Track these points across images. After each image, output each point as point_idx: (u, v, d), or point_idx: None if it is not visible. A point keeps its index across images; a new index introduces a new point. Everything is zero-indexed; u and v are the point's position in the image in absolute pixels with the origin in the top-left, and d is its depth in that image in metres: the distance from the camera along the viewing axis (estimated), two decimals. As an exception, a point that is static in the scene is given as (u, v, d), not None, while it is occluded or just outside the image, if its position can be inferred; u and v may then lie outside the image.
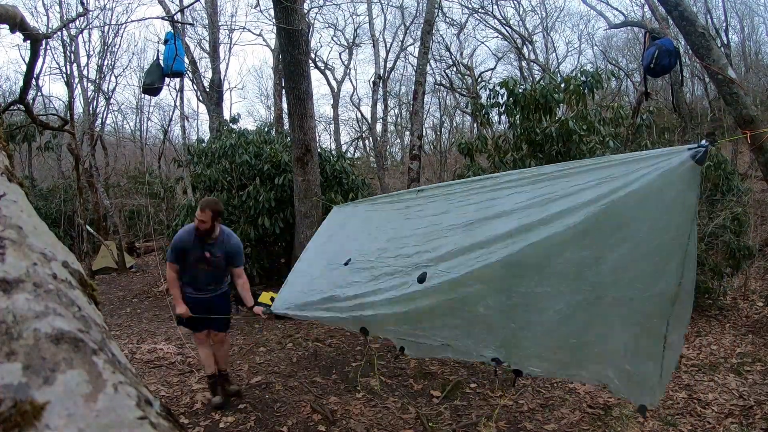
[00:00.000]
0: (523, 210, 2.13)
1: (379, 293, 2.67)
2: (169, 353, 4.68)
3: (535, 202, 2.09)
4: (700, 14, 11.53)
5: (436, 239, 2.50)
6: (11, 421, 0.26)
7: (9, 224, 0.39)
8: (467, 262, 2.23)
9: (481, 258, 2.17)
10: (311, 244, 3.96)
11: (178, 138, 13.15)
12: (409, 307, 2.47)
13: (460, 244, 2.32)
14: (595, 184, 1.92)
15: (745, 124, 3.67)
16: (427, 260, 2.47)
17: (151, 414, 0.32)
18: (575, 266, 2.05)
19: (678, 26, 3.94)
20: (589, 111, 5.67)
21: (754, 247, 5.77)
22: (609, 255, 1.97)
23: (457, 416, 3.31)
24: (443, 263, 2.36)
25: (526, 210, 2.11)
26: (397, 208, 3.04)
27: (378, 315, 2.65)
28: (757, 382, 3.68)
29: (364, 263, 2.97)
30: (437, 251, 2.43)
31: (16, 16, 1.45)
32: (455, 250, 2.32)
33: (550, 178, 2.12)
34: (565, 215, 1.96)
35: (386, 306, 2.60)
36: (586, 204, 1.92)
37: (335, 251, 3.42)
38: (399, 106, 20.38)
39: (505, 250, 2.10)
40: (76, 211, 9.88)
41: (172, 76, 6.05)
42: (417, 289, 2.41)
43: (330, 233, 3.74)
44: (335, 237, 3.62)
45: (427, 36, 8.05)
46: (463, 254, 2.28)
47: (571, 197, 1.98)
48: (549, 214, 2.01)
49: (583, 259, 2.02)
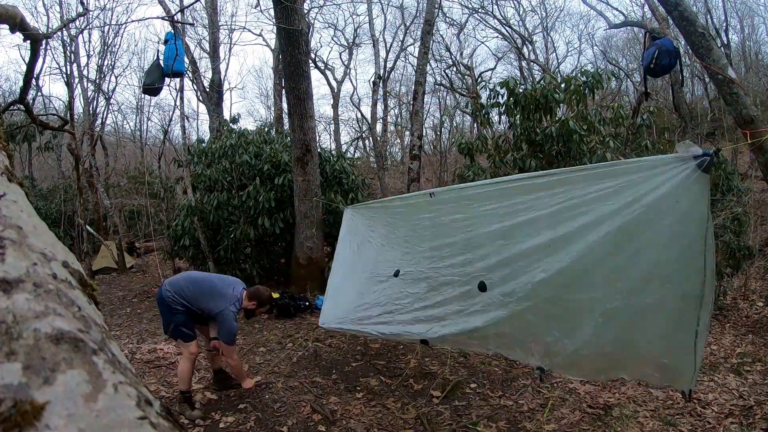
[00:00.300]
0: (550, 218, 2.29)
1: (445, 304, 2.78)
2: (169, 353, 4.68)
3: (558, 209, 2.25)
4: (700, 14, 11.52)
5: (478, 248, 2.64)
6: (11, 421, 0.26)
7: (9, 224, 0.39)
8: (520, 270, 2.39)
9: (531, 266, 2.34)
10: (340, 254, 4.01)
11: (178, 138, 13.14)
12: (485, 320, 2.55)
13: (504, 253, 2.48)
14: (613, 192, 2.08)
15: (745, 124, 3.67)
16: (479, 269, 2.61)
17: (151, 414, 0.32)
18: (608, 274, 2.19)
19: (678, 26, 3.94)
20: (589, 111, 5.67)
21: (754, 247, 5.76)
22: (637, 263, 2.13)
23: (457, 416, 3.30)
24: (497, 272, 2.51)
25: (554, 217, 2.27)
26: (421, 215, 3.12)
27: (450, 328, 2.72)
28: (757, 382, 3.67)
29: (416, 273, 3.05)
30: (485, 260, 2.58)
31: (16, 16, 1.45)
32: (503, 259, 2.48)
33: (563, 183, 2.26)
34: (592, 228, 2.15)
35: (459, 317, 2.69)
36: (610, 215, 2.09)
37: (374, 262, 3.49)
38: (399, 106, 20.38)
39: (549, 260, 2.27)
40: (76, 211, 9.88)
41: (173, 76, 6.05)
42: (491, 301, 2.52)
43: (357, 241, 3.76)
44: (366, 247, 3.67)
45: (427, 36, 8.05)
46: (513, 262, 2.44)
47: (592, 207, 2.15)
48: (579, 224, 2.18)
49: (615, 268, 2.17)
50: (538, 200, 2.34)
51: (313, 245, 6.58)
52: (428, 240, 3.01)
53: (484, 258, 2.59)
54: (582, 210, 2.17)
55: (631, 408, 3.29)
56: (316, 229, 6.57)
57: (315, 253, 6.63)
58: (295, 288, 6.55)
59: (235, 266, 6.95)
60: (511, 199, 2.46)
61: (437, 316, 2.79)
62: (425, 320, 2.86)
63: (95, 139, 11.91)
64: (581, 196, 2.18)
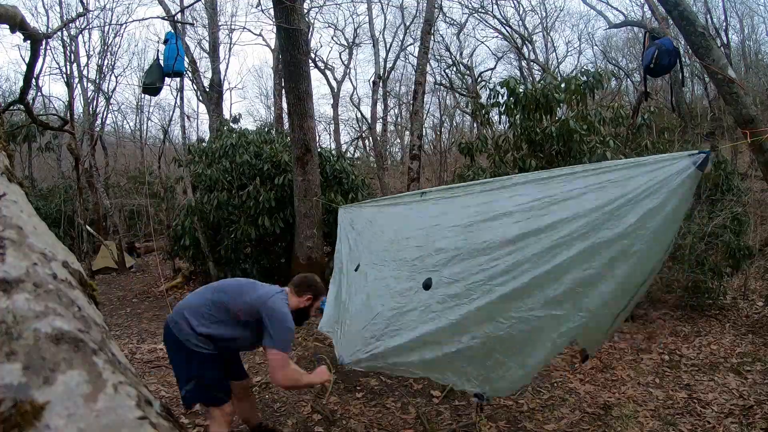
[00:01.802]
0: (522, 213, 2.07)
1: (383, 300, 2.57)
2: (169, 353, 4.67)
3: (536, 204, 2.04)
4: (700, 14, 11.52)
5: (435, 242, 2.41)
6: (11, 421, 0.26)
7: (9, 224, 0.39)
8: (470, 269, 2.16)
9: (488, 265, 2.10)
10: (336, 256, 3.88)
11: (178, 138, 13.13)
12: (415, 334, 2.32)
13: (463, 247, 2.24)
14: (597, 188, 1.89)
15: (745, 124, 3.67)
16: (428, 265, 2.37)
17: (151, 414, 0.32)
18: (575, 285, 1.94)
19: (678, 26, 3.94)
20: (589, 111, 5.67)
21: (754, 246, 5.76)
22: (609, 276, 1.89)
23: (457, 416, 3.30)
24: (446, 269, 2.27)
25: (528, 212, 2.06)
26: (399, 210, 2.98)
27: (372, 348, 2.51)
28: (757, 381, 3.67)
29: (369, 267, 2.89)
30: (440, 254, 2.34)
31: (16, 16, 1.45)
32: (458, 255, 2.24)
33: (550, 180, 2.07)
34: (565, 223, 1.91)
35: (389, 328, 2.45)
36: (588, 212, 1.87)
37: (348, 259, 3.36)
38: (399, 106, 20.39)
39: (510, 258, 2.03)
40: (76, 211, 9.88)
41: (173, 76, 6.05)
42: (430, 303, 2.28)
43: (349, 242, 3.65)
44: (351, 245, 3.54)
45: (427, 36, 8.05)
46: (466, 260, 2.20)
47: (572, 201, 1.94)
48: (551, 220, 1.95)
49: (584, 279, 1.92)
50: (519, 196, 2.13)
51: (313, 245, 6.58)
52: (393, 233, 2.82)
53: (439, 252, 2.34)
54: (559, 206, 1.96)
55: (631, 408, 3.29)
56: (317, 229, 6.57)
57: (315, 252, 6.63)
58: (295, 288, 6.54)
59: (235, 266, 6.95)
60: (490, 197, 2.27)
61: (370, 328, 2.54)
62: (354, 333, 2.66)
63: (95, 139, 11.91)
64: (564, 191, 1.98)
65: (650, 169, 1.79)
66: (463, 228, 2.29)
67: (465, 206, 2.38)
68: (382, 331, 2.48)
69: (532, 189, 2.11)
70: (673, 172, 1.73)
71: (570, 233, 1.89)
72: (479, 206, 2.30)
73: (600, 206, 1.85)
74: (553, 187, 2.03)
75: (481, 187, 2.41)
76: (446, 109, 20.03)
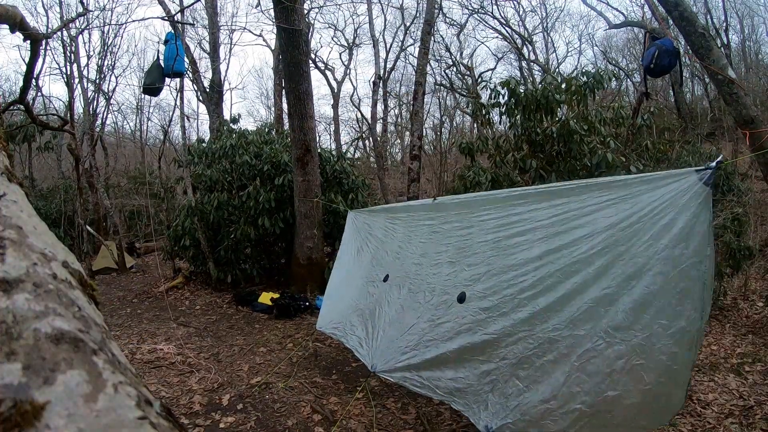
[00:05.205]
0: (545, 230, 2.18)
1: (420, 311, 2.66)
2: (169, 353, 4.67)
3: (556, 220, 2.15)
4: (700, 14, 11.53)
5: (468, 257, 2.54)
6: (11, 421, 0.26)
7: (9, 224, 0.39)
8: (501, 285, 2.26)
9: (513, 282, 2.21)
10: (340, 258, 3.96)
11: (178, 138, 13.15)
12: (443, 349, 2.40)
13: (493, 264, 2.36)
14: (608, 205, 1.96)
15: (745, 124, 3.67)
16: (463, 279, 2.49)
17: (151, 414, 0.32)
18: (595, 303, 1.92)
19: (678, 26, 3.94)
20: (589, 111, 5.67)
21: (754, 247, 5.76)
22: (628, 288, 1.84)
23: (457, 416, 3.30)
24: (479, 284, 2.39)
25: (549, 229, 2.16)
26: (420, 221, 3.08)
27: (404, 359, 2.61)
28: (757, 382, 3.67)
29: (401, 279, 2.99)
30: (472, 269, 2.47)
31: (16, 16, 1.45)
32: (489, 271, 2.36)
33: (563, 195, 2.17)
34: (585, 240, 1.99)
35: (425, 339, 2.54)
36: (604, 230, 1.93)
37: (369, 266, 3.44)
38: (399, 106, 20.40)
39: (536, 272, 2.12)
40: (76, 211, 9.88)
41: (173, 77, 6.05)
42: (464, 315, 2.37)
43: (357, 245, 3.75)
44: (364, 250, 3.64)
45: (427, 36, 8.06)
46: (496, 275, 2.31)
47: (588, 218, 2.02)
48: (574, 237, 2.03)
49: (602, 297, 1.90)
50: (537, 211, 2.24)
51: (313, 245, 6.58)
52: (421, 246, 2.96)
53: (471, 267, 2.46)
54: (579, 222, 2.03)
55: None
56: (317, 229, 6.57)
57: (315, 253, 6.63)
58: (295, 288, 6.55)
59: (235, 266, 6.95)
60: (508, 210, 2.37)
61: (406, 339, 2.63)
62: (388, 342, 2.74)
63: (95, 139, 11.91)
64: (578, 208, 2.06)
65: (657, 185, 1.82)
66: (492, 244, 2.42)
67: (487, 220, 2.51)
68: (417, 341, 2.60)
69: (547, 204, 2.22)
70: (679, 189, 1.75)
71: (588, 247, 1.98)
72: (500, 219, 2.42)
73: (614, 223, 1.91)
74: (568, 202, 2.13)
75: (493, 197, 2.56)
76: (446, 110, 20.04)
